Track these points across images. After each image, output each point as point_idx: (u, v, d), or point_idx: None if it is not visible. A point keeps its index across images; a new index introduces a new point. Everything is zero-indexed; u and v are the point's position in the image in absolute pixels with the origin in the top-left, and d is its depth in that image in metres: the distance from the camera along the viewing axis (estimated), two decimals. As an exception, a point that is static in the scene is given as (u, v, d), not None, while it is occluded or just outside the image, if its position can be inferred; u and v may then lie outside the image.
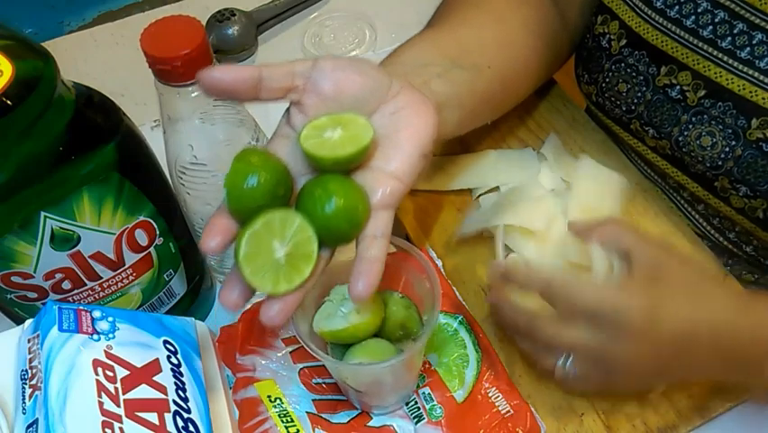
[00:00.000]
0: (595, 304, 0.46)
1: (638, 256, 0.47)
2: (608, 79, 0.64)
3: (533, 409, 0.52)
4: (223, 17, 0.81)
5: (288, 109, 0.46)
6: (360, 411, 0.53)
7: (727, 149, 0.56)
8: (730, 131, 0.56)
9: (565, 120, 0.73)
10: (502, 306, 0.51)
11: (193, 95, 0.45)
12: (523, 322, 0.50)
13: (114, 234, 0.48)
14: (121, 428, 0.43)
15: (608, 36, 0.63)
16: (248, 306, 0.58)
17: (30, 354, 0.46)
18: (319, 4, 0.89)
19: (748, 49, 0.53)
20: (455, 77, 0.54)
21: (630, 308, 0.45)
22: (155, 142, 0.51)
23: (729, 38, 0.54)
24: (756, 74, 0.53)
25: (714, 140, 0.57)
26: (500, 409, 0.52)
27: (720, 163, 0.57)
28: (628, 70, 0.62)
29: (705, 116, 0.57)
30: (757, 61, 0.53)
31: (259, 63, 0.83)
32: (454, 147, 0.70)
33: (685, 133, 0.59)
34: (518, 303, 0.50)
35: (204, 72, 0.41)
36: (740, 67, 0.54)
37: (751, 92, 0.54)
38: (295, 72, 0.44)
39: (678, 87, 0.58)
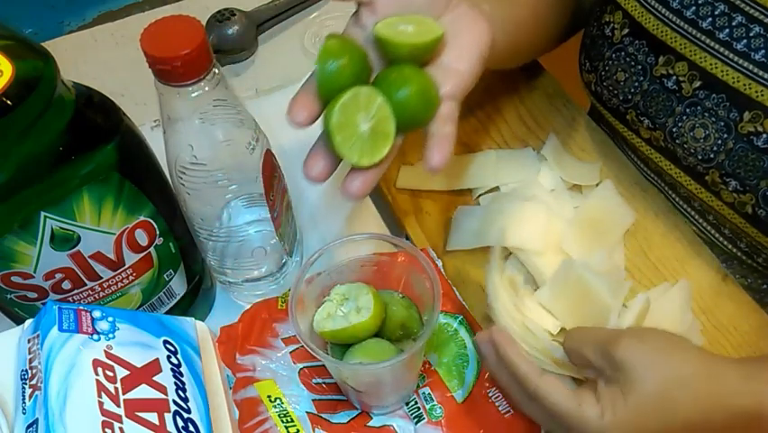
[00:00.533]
0: (556, 410, 0.44)
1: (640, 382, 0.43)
2: (607, 68, 0.65)
3: (533, 409, 0.52)
4: (223, 17, 0.81)
5: (356, 12, 0.52)
6: (360, 411, 0.53)
7: (719, 141, 0.57)
8: (722, 123, 0.56)
9: (565, 120, 0.73)
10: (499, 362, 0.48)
11: (193, 95, 0.45)
12: (503, 380, 0.48)
13: (114, 234, 0.48)
14: (121, 428, 0.43)
15: (611, 25, 0.64)
16: (247, 306, 0.58)
17: (30, 354, 0.46)
18: (319, 4, 0.89)
19: (745, 41, 0.54)
20: (504, 3, 0.59)
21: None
22: (155, 142, 0.51)
23: (727, 29, 0.55)
24: (751, 66, 0.54)
25: (707, 132, 0.57)
26: (500, 408, 0.52)
27: (712, 156, 0.58)
28: (628, 59, 0.62)
29: (699, 108, 0.58)
30: (753, 54, 0.54)
31: (258, 62, 0.83)
32: (455, 147, 0.70)
33: (679, 124, 0.59)
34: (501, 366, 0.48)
35: None
36: (735, 59, 0.55)
37: (744, 84, 0.54)
38: None
39: (674, 77, 0.59)
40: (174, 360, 0.49)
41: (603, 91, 0.66)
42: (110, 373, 0.45)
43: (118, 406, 0.44)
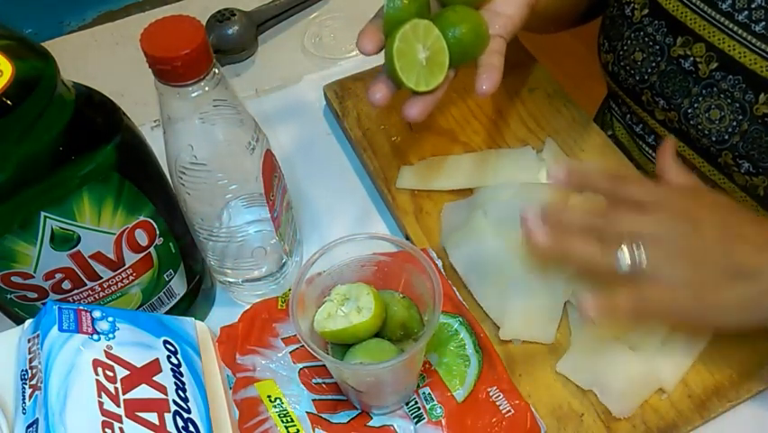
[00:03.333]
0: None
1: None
2: (625, 47, 0.66)
3: (533, 409, 0.52)
4: (223, 17, 0.81)
5: None
6: (360, 411, 0.53)
7: (734, 123, 0.57)
8: (738, 105, 0.57)
9: (565, 120, 0.73)
10: (562, 210, 0.51)
11: (193, 95, 0.45)
12: (594, 212, 0.50)
13: (114, 234, 0.48)
14: (121, 428, 0.43)
15: (632, 5, 0.64)
16: (247, 306, 0.58)
17: (30, 354, 0.46)
18: (319, 4, 0.89)
19: (763, 23, 0.54)
20: None
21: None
22: (155, 142, 0.51)
23: (746, 11, 0.55)
24: None
25: (722, 113, 0.58)
26: (501, 408, 0.52)
27: (726, 138, 0.58)
28: (646, 39, 0.63)
29: (715, 89, 0.58)
30: None
31: (258, 62, 0.83)
32: (455, 147, 0.70)
33: (695, 105, 0.60)
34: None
35: None
36: (753, 41, 0.55)
37: (762, 66, 0.55)
38: None
39: (691, 58, 0.60)
40: (174, 360, 0.49)
41: (620, 71, 0.67)
42: (110, 373, 0.45)
43: (118, 406, 0.44)
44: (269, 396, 0.53)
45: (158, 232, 0.51)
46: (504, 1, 0.55)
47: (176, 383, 0.47)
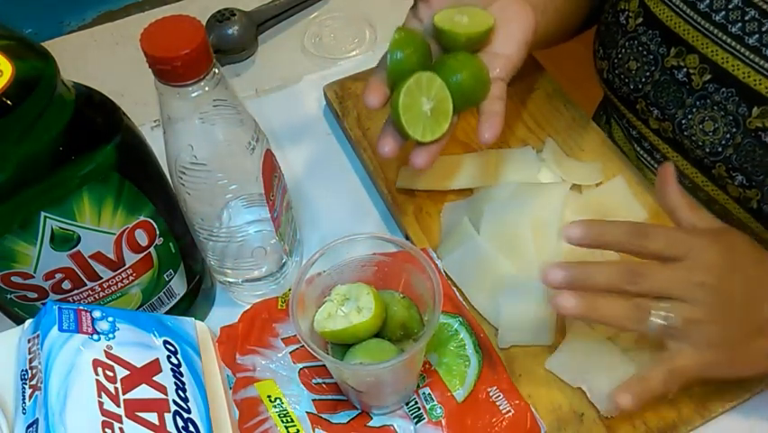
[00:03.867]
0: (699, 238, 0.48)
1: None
2: (620, 56, 0.65)
3: (533, 409, 0.52)
4: (223, 17, 0.81)
5: (414, 6, 0.57)
6: (360, 411, 0.53)
7: (728, 135, 0.57)
8: (731, 117, 0.56)
9: (565, 120, 0.73)
10: (585, 270, 0.48)
11: (193, 95, 0.45)
12: (616, 269, 0.48)
13: (114, 234, 0.48)
14: (121, 428, 0.43)
15: (627, 13, 0.64)
16: (247, 306, 0.58)
17: (30, 354, 0.46)
18: (319, 4, 0.89)
19: (757, 36, 0.54)
20: None
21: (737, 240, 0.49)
22: (155, 142, 0.51)
23: (740, 24, 0.55)
24: (762, 62, 0.54)
25: (716, 125, 0.57)
26: (501, 408, 0.52)
27: (720, 150, 0.58)
28: (640, 48, 0.63)
29: (708, 101, 0.58)
30: (764, 49, 0.54)
31: (258, 62, 0.83)
32: (455, 147, 0.70)
33: (689, 116, 0.60)
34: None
35: None
36: (747, 53, 0.55)
37: (755, 80, 0.54)
38: None
39: (685, 69, 0.59)
40: (174, 360, 0.49)
41: (615, 79, 0.67)
42: (110, 373, 0.45)
43: (118, 406, 0.44)
44: (269, 396, 0.53)
45: (158, 232, 0.51)
46: (502, 42, 0.56)
47: (176, 383, 0.47)
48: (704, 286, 0.47)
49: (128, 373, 0.46)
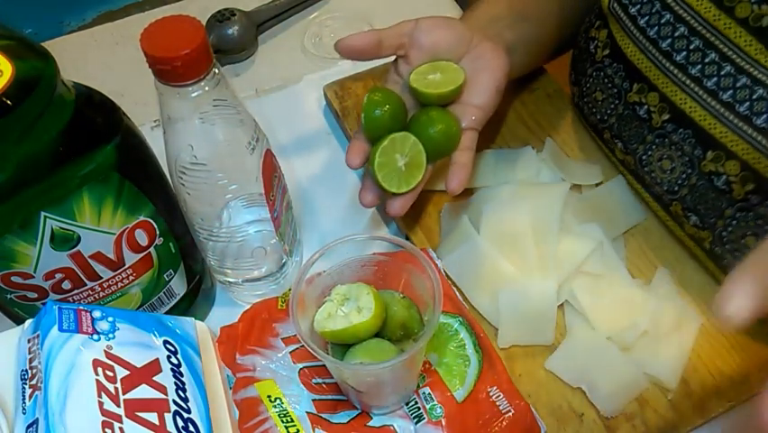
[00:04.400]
0: None
1: None
2: (588, 84, 0.65)
3: (533, 409, 0.52)
4: (223, 17, 0.81)
5: (395, 61, 0.61)
6: (360, 411, 0.53)
7: (684, 176, 0.57)
8: (687, 159, 0.56)
9: (565, 121, 0.73)
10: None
11: (193, 95, 0.45)
12: None
13: (114, 234, 0.48)
14: (121, 428, 0.43)
15: (596, 42, 0.64)
16: (247, 306, 0.58)
17: (30, 354, 0.46)
18: (319, 4, 0.89)
19: (715, 79, 0.53)
20: (522, 28, 0.66)
21: None
22: (155, 142, 0.51)
23: (699, 66, 0.53)
24: (718, 106, 0.52)
25: (673, 165, 0.57)
26: (501, 408, 0.52)
27: (676, 189, 0.58)
28: (605, 81, 0.63)
29: (666, 140, 0.58)
30: (721, 93, 0.52)
31: (258, 62, 0.83)
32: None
33: (648, 152, 0.59)
34: None
35: (340, 42, 0.57)
36: (704, 96, 0.53)
37: (710, 124, 0.53)
38: (402, 33, 0.59)
39: (646, 106, 0.59)
40: (174, 360, 0.49)
41: (584, 106, 0.67)
42: (110, 373, 0.45)
43: (118, 406, 0.44)
44: (269, 396, 0.53)
45: (158, 232, 0.51)
46: (474, 92, 0.59)
47: (176, 383, 0.47)
48: None
49: (128, 373, 0.46)
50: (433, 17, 0.60)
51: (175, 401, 0.46)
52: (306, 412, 0.52)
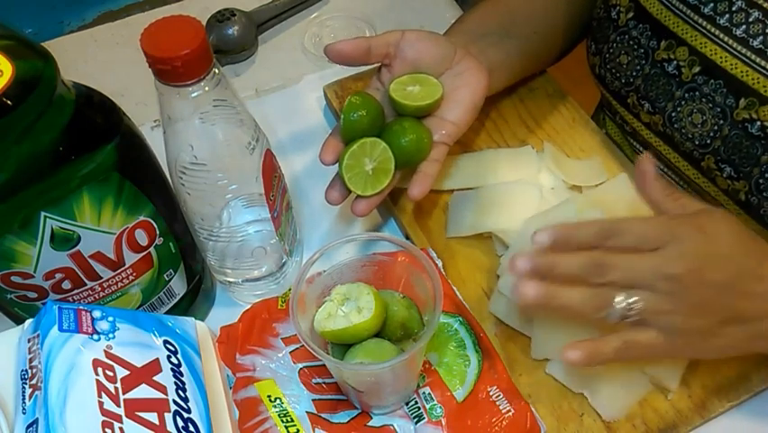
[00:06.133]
0: (664, 227, 0.47)
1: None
2: (611, 50, 0.66)
3: (533, 409, 0.52)
4: (223, 17, 0.81)
5: (379, 68, 0.62)
6: (360, 411, 0.53)
7: (716, 127, 0.58)
8: (719, 109, 0.57)
9: (565, 120, 0.73)
10: (552, 260, 0.47)
11: (193, 95, 0.45)
12: (583, 261, 0.47)
13: (114, 234, 0.48)
14: (121, 428, 0.43)
15: (618, 8, 0.65)
16: (247, 306, 0.58)
17: (30, 354, 0.46)
18: (319, 4, 0.89)
19: (744, 27, 0.54)
20: (507, 45, 0.67)
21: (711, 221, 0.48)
22: (155, 142, 0.51)
23: (728, 15, 0.55)
24: (749, 53, 0.54)
25: (704, 117, 0.58)
26: (501, 408, 0.52)
27: (708, 142, 0.59)
28: (631, 42, 0.64)
29: (697, 93, 0.59)
30: (751, 40, 0.54)
31: (258, 62, 0.83)
32: (454, 147, 0.70)
33: (678, 108, 0.60)
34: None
35: (330, 46, 0.59)
36: (734, 45, 0.55)
37: (742, 72, 0.55)
38: (389, 42, 0.60)
39: (675, 62, 0.60)
40: (174, 360, 0.49)
41: (606, 74, 0.67)
42: (110, 373, 0.45)
43: (118, 406, 0.44)
44: (269, 396, 0.53)
45: (158, 232, 0.51)
46: (450, 108, 0.60)
47: (176, 383, 0.47)
48: (673, 276, 0.46)
49: (128, 372, 0.46)
50: (419, 30, 0.61)
51: (175, 401, 0.46)
52: (306, 412, 0.52)
